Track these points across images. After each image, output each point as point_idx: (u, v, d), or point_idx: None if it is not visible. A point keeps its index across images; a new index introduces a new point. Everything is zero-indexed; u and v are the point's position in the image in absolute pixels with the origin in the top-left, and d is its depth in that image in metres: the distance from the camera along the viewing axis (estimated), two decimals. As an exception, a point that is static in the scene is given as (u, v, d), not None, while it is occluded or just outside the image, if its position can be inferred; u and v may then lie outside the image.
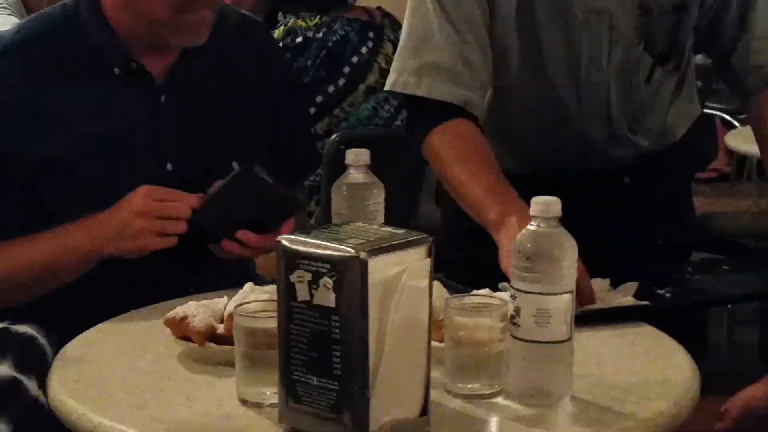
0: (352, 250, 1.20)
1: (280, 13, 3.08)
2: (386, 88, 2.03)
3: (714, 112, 5.49)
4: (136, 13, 1.82)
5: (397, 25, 3.17)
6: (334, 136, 2.88)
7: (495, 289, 1.57)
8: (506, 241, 1.65)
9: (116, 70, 1.87)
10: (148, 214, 1.73)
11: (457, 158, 1.89)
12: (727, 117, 5.59)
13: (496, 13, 1.97)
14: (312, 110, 3.01)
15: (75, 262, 1.78)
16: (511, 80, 2.03)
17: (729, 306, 2.45)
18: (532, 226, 1.35)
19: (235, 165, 1.88)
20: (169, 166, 1.88)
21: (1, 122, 1.82)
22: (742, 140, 3.54)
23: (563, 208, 1.36)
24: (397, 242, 1.24)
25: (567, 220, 1.35)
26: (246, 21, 2.05)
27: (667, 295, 1.77)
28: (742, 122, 5.36)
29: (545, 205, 1.34)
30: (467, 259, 1.86)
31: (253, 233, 1.75)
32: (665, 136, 2.13)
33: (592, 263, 1.60)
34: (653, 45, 2.02)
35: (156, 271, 1.82)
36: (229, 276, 1.76)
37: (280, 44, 2.96)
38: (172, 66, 1.89)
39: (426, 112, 1.96)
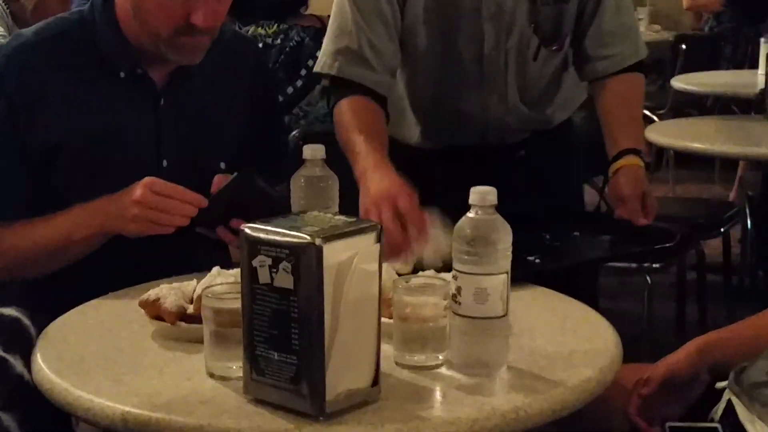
0: (308, 237, 1.19)
1: (237, 24, 3.06)
2: (315, 69, 2.13)
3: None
4: (143, 26, 1.82)
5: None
6: (294, 132, 2.86)
7: None
8: (364, 189, 1.76)
9: (122, 73, 1.87)
10: (143, 203, 1.72)
11: (346, 126, 1.99)
12: (648, 113, 5.62)
13: (406, 6, 2.08)
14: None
15: (86, 236, 1.79)
16: (420, 62, 2.14)
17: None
18: (471, 214, 1.35)
19: (222, 165, 1.90)
20: (164, 163, 1.89)
21: (19, 113, 1.82)
22: (660, 134, 3.57)
23: (463, 179, 1.38)
24: (349, 230, 1.23)
25: (464, 189, 1.36)
26: (241, 39, 2.08)
27: (537, 260, 1.79)
28: (660, 117, 5.41)
29: (482, 194, 1.34)
30: None
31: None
32: (552, 113, 2.24)
33: None
34: (540, 29, 2.12)
35: (134, 258, 1.81)
36: (203, 263, 1.75)
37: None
38: (171, 74, 1.90)
39: (341, 90, 2.06)
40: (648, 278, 3.13)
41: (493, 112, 2.17)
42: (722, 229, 3.56)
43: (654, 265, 3.05)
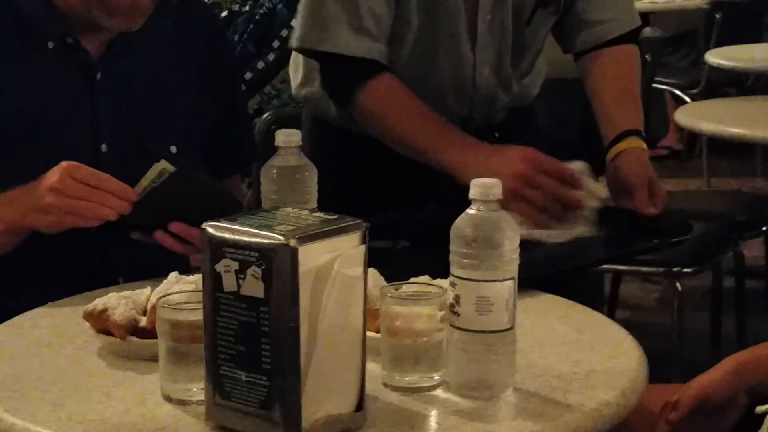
0: (281, 238, 1.20)
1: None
2: (294, 45, 2.15)
3: (664, 87, 5.56)
4: None
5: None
6: (265, 115, 2.86)
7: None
8: (485, 170, 1.80)
9: (50, 44, 1.87)
10: (59, 191, 1.71)
11: (396, 114, 2.05)
12: (678, 92, 5.64)
13: None
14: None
15: (2, 232, 1.78)
16: (404, 33, 2.16)
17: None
18: (471, 210, 1.35)
19: (173, 149, 1.90)
20: (104, 147, 1.89)
21: None
22: (692, 116, 3.58)
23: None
24: (329, 228, 1.24)
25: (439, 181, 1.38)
26: (194, 2, 2.07)
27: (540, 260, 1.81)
28: (693, 97, 5.42)
29: (485, 187, 1.34)
30: None
31: (186, 226, 1.74)
32: (530, 88, 2.33)
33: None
34: None
35: (78, 260, 1.81)
36: (159, 266, 1.75)
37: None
38: (109, 43, 1.90)
39: (342, 71, 2.09)
40: (678, 285, 3.14)
41: (484, 87, 2.21)
42: (764, 228, 3.57)
43: (685, 270, 3.06)
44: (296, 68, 2.29)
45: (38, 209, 1.73)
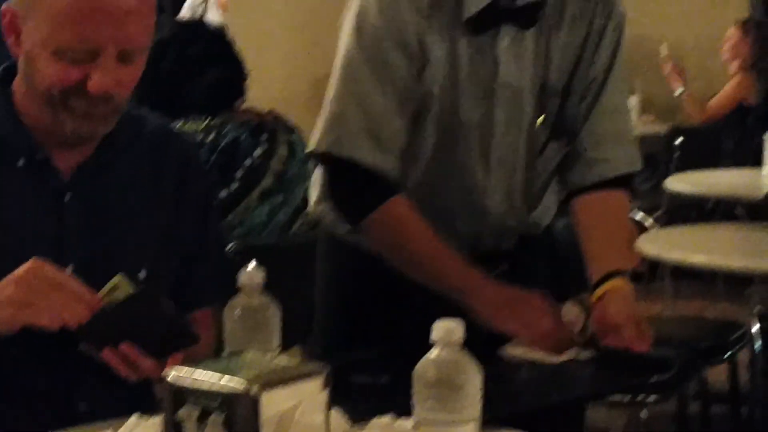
0: (243, 384, 1.19)
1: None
2: (310, 148, 2.17)
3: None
4: (32, 88, 1.83)
5: (289, 129, 3.21)
6: (229, 245, 2.87)
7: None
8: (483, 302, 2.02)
9: (20, 161, 1.87)
10: (22, 283, 1.69)
11: (412, 249, 2.10)
12: (640, 215, 5.70)
13: (423, 77, 2.13)
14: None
15: None
16: (423, 153, 2.19)
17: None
18: (434, 352, 1.35)
19: (143, 273, 1.89)
20: (69, 269, 1.85)
21: None
22: (654, 244, 3.61)
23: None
24: (291, 375, 1.24)
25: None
26: (166, 131, 2.09)
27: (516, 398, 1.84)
28: (655, 219, 5.48)
29: (447, 330, 1.35)
30: None
31: (136, 351, 1.73)
32: (540, 217, 2.34)
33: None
34: (547, 121, 2.21)
35: (40, 385, 1.81)
36: (124, 394, 1.74)
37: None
38: (81, 165, 1.90)
39: (356, 185, 2.12)
40: (643, 412, 3.14)
41: (494, 213, 2.22)
42: (727, 354, 3.58)
43: (649, 398, 3.06)
44: (316, 185, 2.31)
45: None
